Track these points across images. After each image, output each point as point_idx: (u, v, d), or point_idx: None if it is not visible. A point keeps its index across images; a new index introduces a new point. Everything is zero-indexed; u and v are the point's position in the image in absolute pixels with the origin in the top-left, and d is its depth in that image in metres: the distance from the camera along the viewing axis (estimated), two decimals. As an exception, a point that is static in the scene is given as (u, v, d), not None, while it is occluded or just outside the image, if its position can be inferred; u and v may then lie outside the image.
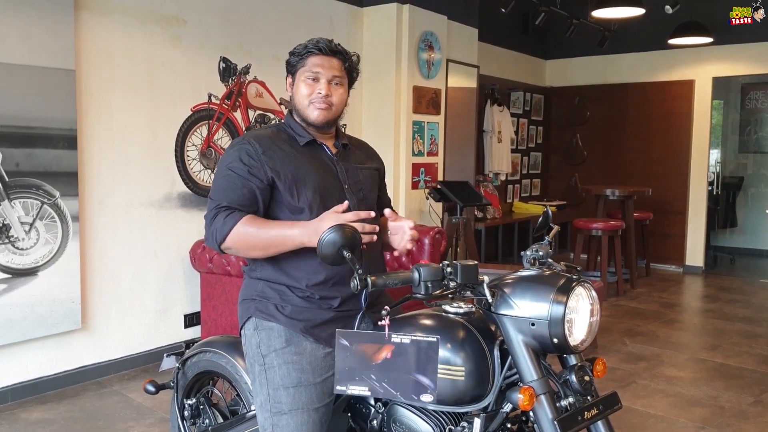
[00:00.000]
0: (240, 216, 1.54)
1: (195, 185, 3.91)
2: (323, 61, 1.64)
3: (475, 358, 1.42)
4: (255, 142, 1.61)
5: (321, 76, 1.63)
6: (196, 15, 3.84)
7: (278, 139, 1.65)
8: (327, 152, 1.69)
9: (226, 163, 1.60)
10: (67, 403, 3.19)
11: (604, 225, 5.54)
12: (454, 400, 1.43)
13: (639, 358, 3.98)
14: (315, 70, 1.63)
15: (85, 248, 3.37)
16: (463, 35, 5.50)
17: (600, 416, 1.39)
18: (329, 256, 1.30)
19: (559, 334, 1.34)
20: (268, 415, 1.58)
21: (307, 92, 1.64)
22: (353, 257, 1.27)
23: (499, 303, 1.39)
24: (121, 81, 3.50)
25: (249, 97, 4.19)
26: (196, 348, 2.02)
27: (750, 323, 4.86)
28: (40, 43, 3.09)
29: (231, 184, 1.57)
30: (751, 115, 8.11)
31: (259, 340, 1.62)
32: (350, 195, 1.65)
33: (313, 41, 1.65)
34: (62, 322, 3.25)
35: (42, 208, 3.16)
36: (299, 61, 1.65)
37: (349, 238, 1.28)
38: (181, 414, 2.05)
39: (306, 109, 1.65)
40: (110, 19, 3.44)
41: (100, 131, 3.43)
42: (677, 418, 3.10)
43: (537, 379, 1.36)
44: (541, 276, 1.42)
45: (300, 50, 1.65)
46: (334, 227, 1.31)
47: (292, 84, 1.69)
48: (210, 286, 3.76)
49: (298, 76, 1.65)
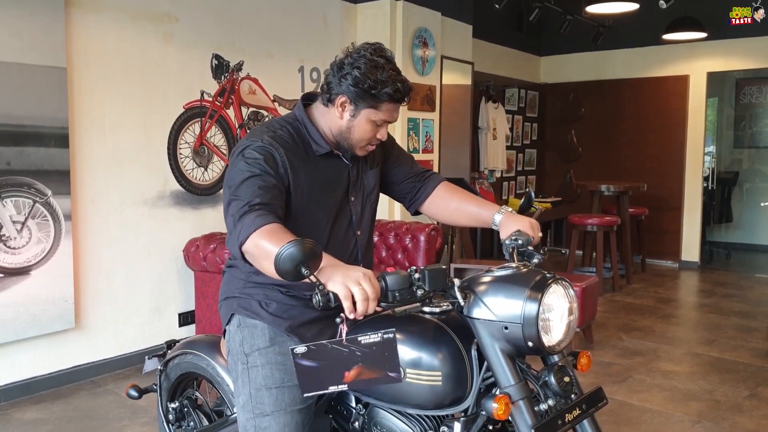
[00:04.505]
0: (272, 219, 1.36)
1: (188, 183, 3.89)
2: (395, 109, 1.54)
3: (452, 361, 1.37)
4: (279, 146, 1.50)
5: (386, 124, 1.57)
6: (188, 12, 3.82)
7: (295, 145, 1.55)
8: (342, 160, 1.62)
9: (253, 158, 1.46)
10: (60, 403, 3.17)
11: (599, 221, 5.53)
12: (434, 405, 1.39)
13: (635, 353, 3.98)
14: (387, 118, 1.54)
15: (78, 247, 3.35)
16: (457, 32, 5.49)
17: (583, 416, 1.33)
18: (288, 272, 1.16)
19: (533, 336, 1.28)
20: (251, 416, 1.53)
21: (369, 136, 1.55)
22: (312, 272, 1.17)
23: (471, 305, 1.33)
24: (112, 79, 3.48)
25: (242, 94, 4.17)
26: (177, 349, 1.97)
27: (745, 317, 4.86)
28: (30, 40, 3.07)
29: (263, 182, 1.43)
30: (745, 110, 8.12)
31: (242, 338, 1.57)
32: (354, 206, 1.62)
33: (397, 89, 1.49)
34: (55, 321, 3.24)
35: (34, 206, 3.14)
36: (373, 101, 1.50)
37: (308, 253, 1.16)
38: (165, 417, 2.01)
39: (356, 147, 1.57)
40: (101, 16, 3.42)
41: (92, 129, 3.41)
42: (673, 412, 3.10)
43: (513, 385, 1.30)
44: (515, 275, 1.35)
45: (377, 91, 1.48)
46: (293, 242, 1.16)
47: (352, 111, 1.52)
48: (204, 284, 3.75)
49: (365, 113, 1.51)
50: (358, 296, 1.18)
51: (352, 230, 1.64)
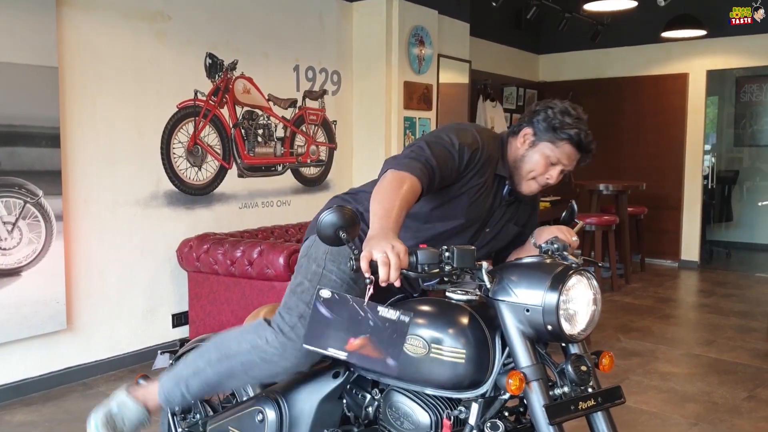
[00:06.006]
0: (421, 179, 1.49)
1: (181, 183, 3.86)
2: (572, 154, 1.63)
3: (476, 344, 1.41)
4: (487, 154, 1.63)
5: (560, 165, 1.64)
6: (182, 10, 3.79)
7: (494, 160, 1.67)
8: (503, 193, 1.71)
9: (456, 132, 1.62)
10: (51, 405, 3.14)
11: (597, 220, 5.50)
12: (453, 384, 1.42)
13: (633, 354, 3.95)
14: (561, 159, 1.63)
15: (70, 248, 3.32)
16: (454, 30, 5.45)
17: (598, 408, 1.37)
18: (328, 237, 1.30)
19: (553, 321, 1.33)
20: (294, 291, 1.68)
21: (539, 170, 1.65)
22: (349, 238, 1.29)
23: (497, 289, 1.39)
24: (105, 78, 3.45)
25: (236, 94, 4.14)
26: (191, 344, 2.01)
27: (745, 317, 4.83)
28: (22, 40, 3.04)
29: (445, 151, 1.57)
30: (745, 108, 8.07)
31: (329, 251, 1.65)
32: (482, 237, 1.71)
33: (580, 132, 1.60)
34: (47, 322, 3.21)
35: (25, 207, 3.12)
36: (553, 138, 1.62)
37: (348, 219, 1.29)
38: (172, 410, 2.04)
39: (523, 180, 1.67)
40: (94, 15, 3.39)
41: (84, 129, 3.38)
42: (671, 414, 3.06)
43: (530, 365, 1.34)
44: (540, 263, 1.42)
45: (562, 130, 1.61)
46: (333, 208, 1.30)
47: (531, 142, 1.64)
48: (198, 285, 3.72)
49: (542, 146, 1.63)
50: (380, 260, 1.27)
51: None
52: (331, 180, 4.91)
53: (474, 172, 1.62)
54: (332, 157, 4.92)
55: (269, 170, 4.41)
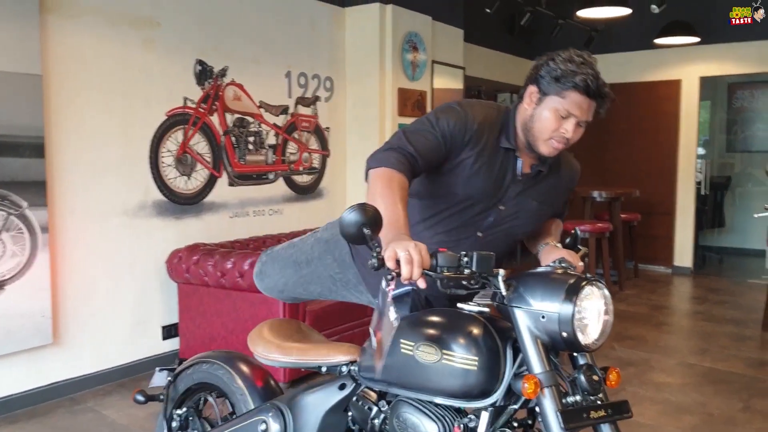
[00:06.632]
0: (399, 168, 1.50)
1: (170, 193, 3.79)
2: (583, 102, 1.52)
3: (488, 353, 1.41)
4: (476, 125, 1.59)
5: (573, 117, 1.54)
6: (170, 17, 3.73)
7: (490, 131, 1.61)
8: (516, 169, 1.64)
9: (435, 113, 1.61)
10: (36, 422, 3.07)
11: (591, 227, 5.48)
12: (463, 393, 1.41)
13: (628, 364, 3.92)
14: (572, 110, 1.53)
15: (56, 260, 3.25)
16: (448, 36, 5.42)
17: (607, 419, 1.37)
18: (351, 234, 1.31)
19: (569, 330, 1.34)
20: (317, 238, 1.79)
21: (552, 127, 1.55)
22: (372, 236, 1.30)
23: (513, 296, 1.40)
24: (92, 85, 3.38)
25: (226, 101, 4.07)
26: (192, 360, 2.01)
27: (738, 325, 4.82)
28: (3, 47, 2.97)
29: (424, 133, 1.57)
30: (738, 115, 8.10)
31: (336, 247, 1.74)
32: (495, 214, 1.64)
33: (585, 77, 1.50)
34: (32, 337, 3.13)
35: (8, 219, 3.04)
36: (558, 89, 1.52)
37: (371, 217, 1.30)
38: (168, 425, 2.02)
39: (539, 141, 1.58)
40: (79, 21, 3.32)
41: (70, 138, 3.31)
42: (666, 426, 3.04)
43: (544, 372, 1.35)
44: (554, 273, 1.43)
45: (565, 78, 1.51)
46: (356, 206, 1.30)
47: (537, 99, 1.56)
48: (187, 296, 3.65)
49: (548, 101, 1.54)
50: (403, 259, 1.28)
51: (473, 228, 1.64)
52: (324, 188, 4.86)
53: (463, 144, 1.58)
54: (325, 164, 4.87)
55: (260, 178, 4.35)
